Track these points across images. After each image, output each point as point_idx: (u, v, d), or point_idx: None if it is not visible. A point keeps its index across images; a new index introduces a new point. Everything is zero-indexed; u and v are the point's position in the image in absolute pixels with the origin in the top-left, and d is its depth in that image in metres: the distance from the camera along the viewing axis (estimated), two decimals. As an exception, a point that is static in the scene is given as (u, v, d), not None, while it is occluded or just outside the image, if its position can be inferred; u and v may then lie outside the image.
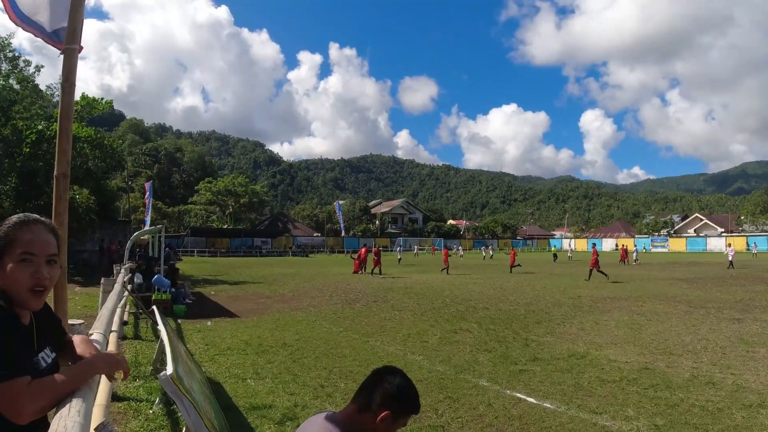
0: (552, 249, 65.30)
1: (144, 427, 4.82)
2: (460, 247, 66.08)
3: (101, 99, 23.65)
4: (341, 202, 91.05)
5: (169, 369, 2.78)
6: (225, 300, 15.23)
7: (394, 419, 1.71)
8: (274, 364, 7.35)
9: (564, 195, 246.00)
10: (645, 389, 6.03)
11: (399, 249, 42.86)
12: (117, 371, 1.64)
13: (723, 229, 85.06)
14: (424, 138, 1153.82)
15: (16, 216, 1.51)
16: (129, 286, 11.76)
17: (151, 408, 5.32)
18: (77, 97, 16.80)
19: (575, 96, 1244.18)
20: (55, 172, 3.38)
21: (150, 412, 5.22)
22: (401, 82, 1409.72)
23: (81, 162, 22.45)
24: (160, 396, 5.53)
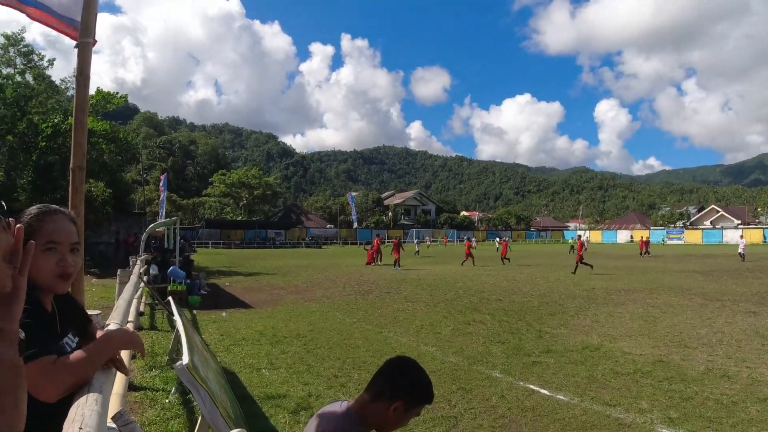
0: (569, 241, 64.67)
1: (160, 416, 4.89)
2: (473, 239, 65.74)
3: (116, 93, 23.86)
4: (354, 193, 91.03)
5: (185, 359, 2.82)
6: (239, 291, 15.37)
7: (406, 409, 1.71)
8: (288, 354, 7.42)
9: (578, 186, 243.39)
10: (659, 382, 6.00)
11: (417, 241, 42.79)
12: (134, 348, 1.70)
13: (739, 221, 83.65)
14: (436, 129, 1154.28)
15: (35, 207, 1.53)
16: (145, 277, 11.90)
17: (167, 397, 5.39)
18: (92, 91, 16.92)
19: (590, 86, 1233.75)
20: (71, 164, 3.42)
21: (166, 401, 5.30)
22: (413, 72, 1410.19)
23: (97, 155, 22.70)
24: (176, 385, 5.61)
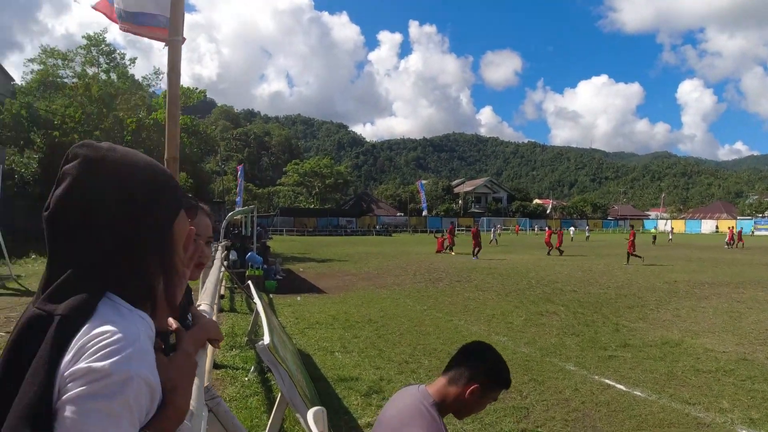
0: (652, 231, 61.47)
1: (240, 393, 5.18)
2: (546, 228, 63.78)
3: (195, 89, 25.16)
4: (424, 181, 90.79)
5: (266, 339, 2.98)
6: (313, 276, 15.83)
7: (483, 393, 1.73)
8: (360, 338, 7.61)
9: (660, 172, 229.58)
10: (742, 381, 5.69)
11: (493, 230, 42.05)
12: (217, 337, 1.82)
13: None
14: (508, 114, 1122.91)
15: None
16: (225, 262, 12.53)
17: (247, 376, 5.70)
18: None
19: (671, 65, 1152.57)
20: (165, 155, 3.67)
21: (245, 379, 5.60)
22: (483, 57, 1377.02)
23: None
24: (254, 364, 5.93)
